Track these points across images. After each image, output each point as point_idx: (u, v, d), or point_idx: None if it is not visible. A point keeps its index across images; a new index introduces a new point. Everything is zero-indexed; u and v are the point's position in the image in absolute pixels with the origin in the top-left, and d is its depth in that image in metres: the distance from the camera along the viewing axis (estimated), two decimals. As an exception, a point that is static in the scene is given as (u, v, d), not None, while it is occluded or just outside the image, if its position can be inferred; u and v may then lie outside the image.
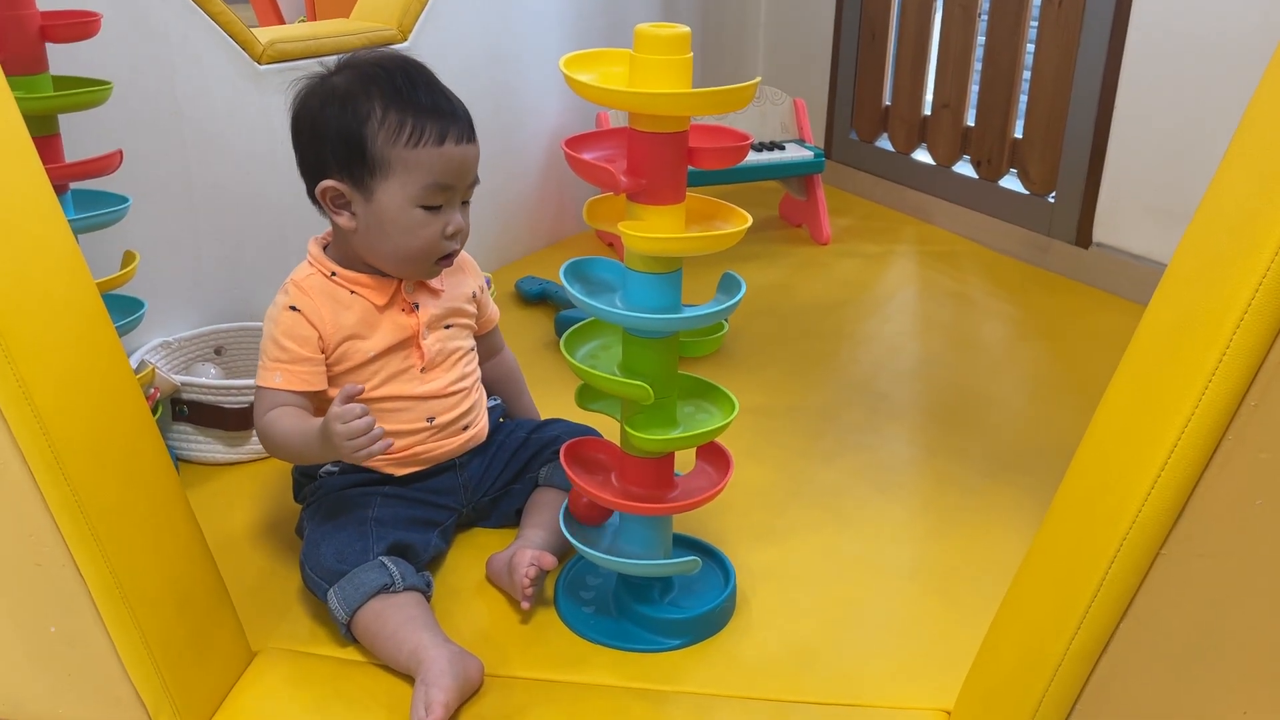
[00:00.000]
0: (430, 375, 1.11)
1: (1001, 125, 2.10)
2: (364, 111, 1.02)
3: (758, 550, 1.16)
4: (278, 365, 1.06)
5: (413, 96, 1.02)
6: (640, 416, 0.97)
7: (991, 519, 1.23)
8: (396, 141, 1.01)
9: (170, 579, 0.90)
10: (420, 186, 1.02)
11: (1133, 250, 1.87)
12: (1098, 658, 0.75)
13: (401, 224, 1.03)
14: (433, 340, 1.11)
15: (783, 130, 2.19)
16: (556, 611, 1.06)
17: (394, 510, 1.08)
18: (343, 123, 1.03)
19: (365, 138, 1.02)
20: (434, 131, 1.02)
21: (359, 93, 1.03)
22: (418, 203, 1.03)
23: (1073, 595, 0.75)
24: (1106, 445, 0.76)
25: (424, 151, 1.02)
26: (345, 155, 1.03)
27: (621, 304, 0.93)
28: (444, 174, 1.03)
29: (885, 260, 2.10)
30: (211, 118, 1.46)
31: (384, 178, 1.02)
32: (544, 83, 1.97)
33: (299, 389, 1.06)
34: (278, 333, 1.06)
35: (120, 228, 1.22)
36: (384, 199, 1.03)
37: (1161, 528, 0.70)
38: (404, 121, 1.01)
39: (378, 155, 1.02)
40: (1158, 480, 0.69)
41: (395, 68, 1.05)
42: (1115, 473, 0.73)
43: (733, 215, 0.94)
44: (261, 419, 1.06)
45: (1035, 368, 1.64)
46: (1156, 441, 0.69)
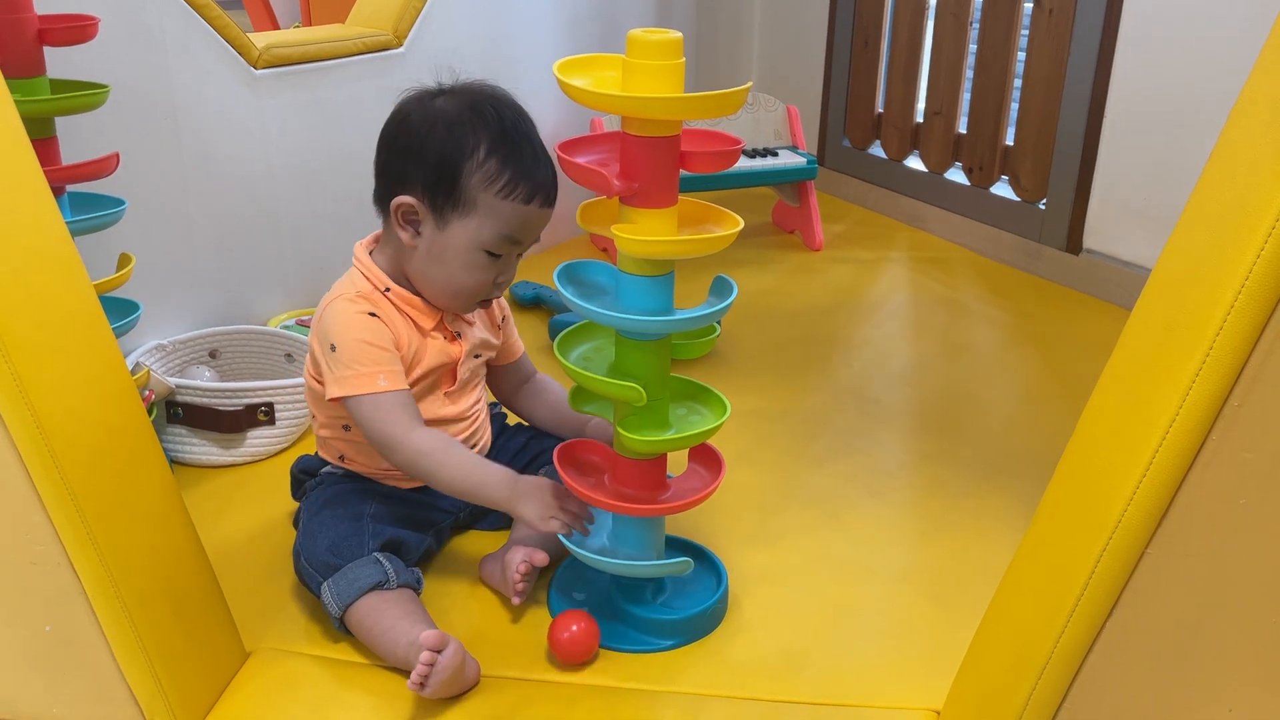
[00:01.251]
0: (455, 399, 1.12)
1: (993, 132, 2.12)
2: (469, 146, 1.01)
3: (750, 552, 1.16)
4: (377, 368, 1.01)
5: (517, 147, 1.02)
6: (633, 418, 0.97)
7: (982, 523, 1.24)
8: (489, 187, 1.01)
9: (165, 579, 0.90)
10: (495, 234, 1.03)
11: (1122, 256, 1.89)
12: (1084, 657, 0.76)
13: (463, 261, 1.04)
14: (465, 368, 1.12)
15: (776, 137, 2.20)
16: (549, 612, 1.06)
17: (391, 508, 1.09)
18: (445, 148, 1.01)
19: (461, 171, 1.01)
20: (526, 189, 1.02)
21: (467, 124, 1.01)
22: (485, 247, 1.03)
23: (1059, 595, 0.75)
24: (1092, 447, 0.77)
25: (510, 205, 1.02)
26: (435, 179, 1.02)
27: (614, 307, 0.94)
28: (519, 230, 1.04)
29: (878, 266, 2.12)
30: (208, 122, 1.47)
31: (464, 215, 1.02)
32: (538, 88, 1.96)
33: (405, 388, 1.03)
34: (364, 335, 1.02)
35: (116, 230, 1.22)
36: (456, 232, 1.03)
37: (1146, 528, 0.71)
38: (504, 171, 1.01)
39: (466, 192, 1.02)
40: (1142, 481, 0.70)
41: (506, 109, 1.04)
42: (1100, 474, 0.74)
43: (725, 219, 0.95)
44: (411, 434, 1.00)
45: (1026, 373, 1.65)
46: (1141, 443, 0.70)
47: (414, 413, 1.03)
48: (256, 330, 1.50)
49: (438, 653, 0.90)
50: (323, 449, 1.14)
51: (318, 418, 1.12)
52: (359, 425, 1.03)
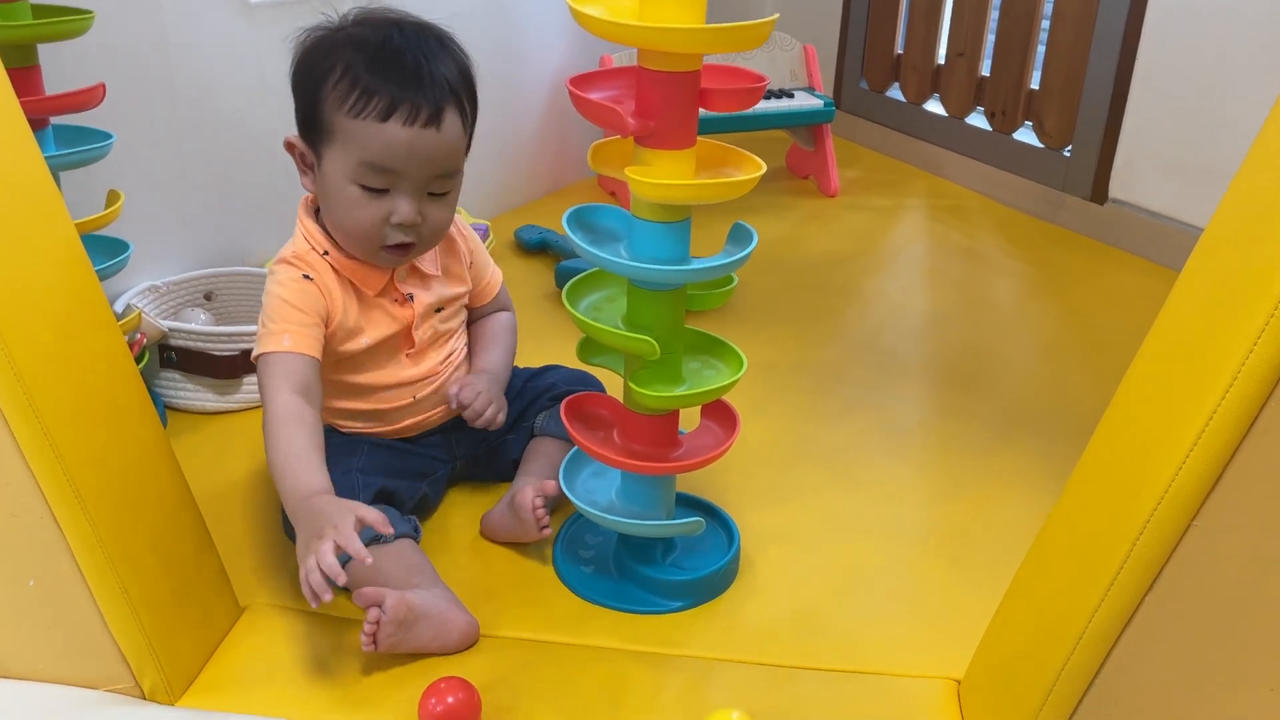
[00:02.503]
0: (417, 360, 1.06)
1: (1017, 76, 2.04)
2: (326, 68, 0.93)
3: (763, 511, 1.12)
4: (286, 327, 0.95)
5: (378, 61, 0.91)
6: (644, 372, 0.93)
7: (1002, 482, 1.20)
8: (340, 107, 0.91)
9: (154, 533, 0.87)
10: (355, 162, 0.92)
11: (1150, 207, 1.82)
12: (1120, 631, 0.72)
13: (339, 198, 0.95)
14: (425, 329, 1.05)
15: (792, 78, 2.12)
16: (554, 570, 1.03)
17: (382, 459, 1.05)
18: (308, 79, 0.94)
19: (320, 97, 0.93)
20: (381, 104, 0.90)
21: (335, 47, 0.94)
22: (353, 179, 0.93)
23: (1097, 567, 0.71)
24: (1138, 410, 0.72)
25: (363, 125, 0.91)
26: (303, 113, 0.96)
27: (627, 254, 0.89)
28: (382, 155, 0.91)
29: (894, 214, 2.05)
30: (200, 51, 1.40)
31: (329, 144, 0.94)
32: (546, 20, 1.90)
33: (308, 353, 0.95)
34: (287, 295, 0.96)
35: (104, 166, 1.17)
36: (328, 167, 0.95)
37: (1195, 499, 0.66)
38: (353, 86, 0.91)
39: (325, 118, 0.93)
40: (1193, 449, 0.65)
41: (388, 26, 0.94)
42: (1147, 440, 0.70)
43: (745, 161, 0.89)
44: (277, 398, 0.92)
45: (1047, 327, 1.60)
46: (1193, 408, 0.65)
47: (294, 378, 0.93)
48: (253, 272, 1.45)
49: (379, 607, 0.86)
50: None
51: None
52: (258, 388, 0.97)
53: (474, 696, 0.83)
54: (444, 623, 0.90)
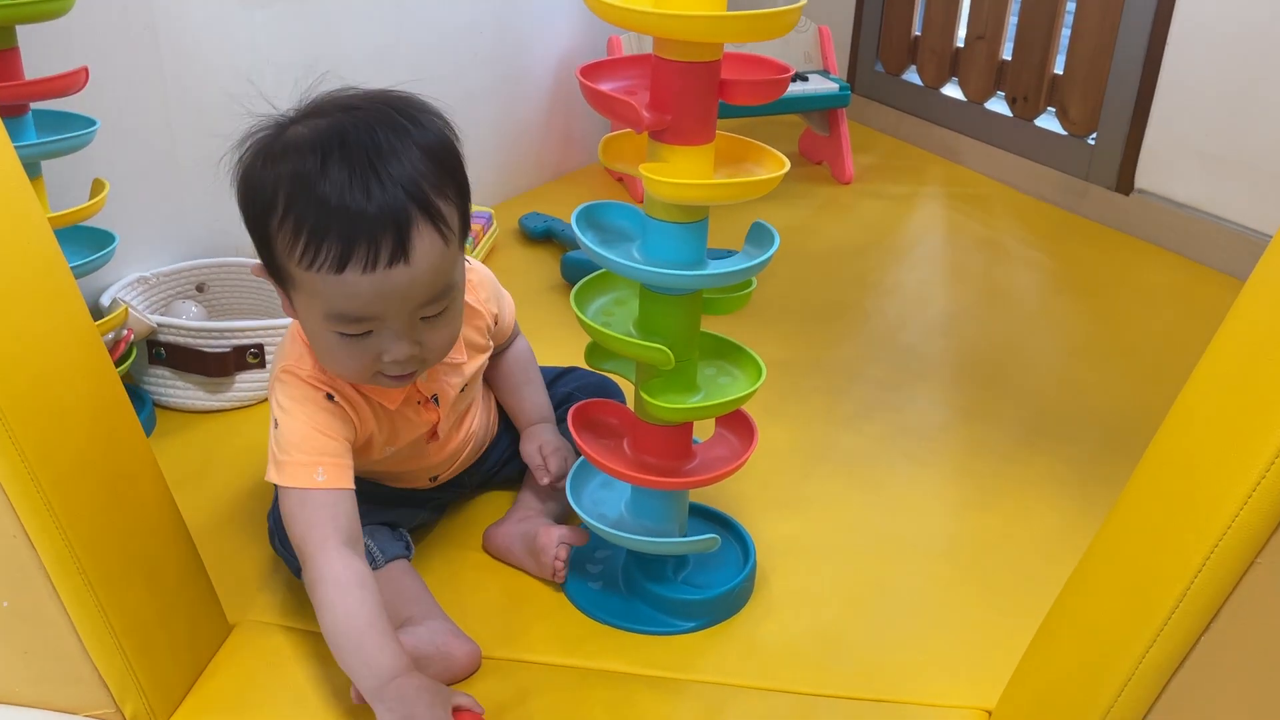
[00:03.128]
0: (441, 447, 0.98)
1: (1040, 59, 1.97)
2: (267, 202, 0.76)
3: (779, 522, 1.07)
4: (319, 459, 0.82)
5: (319, 191, 0.73)
6: (657, 380, 0.87)
7: (1030, 490, 1.14)
8: (290, 257, 0.75)
9: (136, 550, 0.82)
10: (325, 314, 0.77)
11: (1178, 199, 1.76)
12: (1174, 672, 0.66)
13: (321, 344, 0.81)
14: (448, 421, 0.96)
15: (806, 60, 2.05)
16: (561, 587, 0.98)
17: (376, 486, 0.99)
18: (252, 212, 0.78)
19: (268, 239, 0.77)
20: (332, 253, 0.73)
21: (272, 175, 0.76)
22: (328, 328, 0.78)
23: (1149, 601, 0.66)
24: (1195, 434, 0.67)
25: (319, 278, 0.74)
26: (258, 249, 0.80)
27: (640, 256, 0.83)
28: (349, 307, 0.75)
29: (911, 202, 1.99)
30: (191, 32, 1.34)
31: (291, 289, 0.79)
32: (551, 2, 1.83)
33: (346, 487, 0.83)
34: (315, 423, 0.83)
35: (89, 153, 1.11)
36: (300, 310, 0.80)
37: (1260, 534, 0.61)
38: (299, 233, 0.74)
39: (278, 264, 0.78)
40: (1262, 480, 0.60)
41: (334, 129, 0.75)
42: (1207, 467, 0.64)
43: (766, 157, 0.83)
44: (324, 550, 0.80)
45: (1072, 324, 1.54)
46: (1263, 434, 0.60)
47: (340, 523, 0.82)
48: (248, 263, 1.38)
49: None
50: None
51: None
52: (283, 517, 0.85)
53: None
54: (444, 659, 0.85)
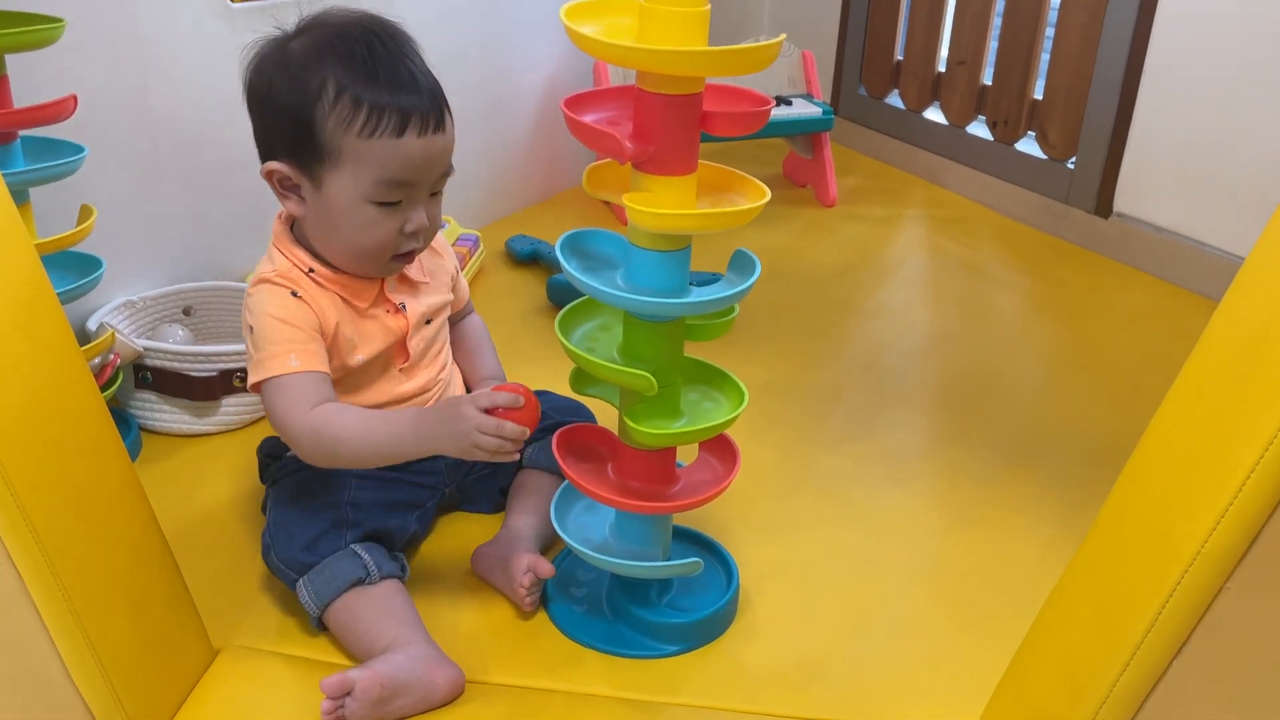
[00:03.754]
0: (412, 373, 1.02)
1: (1020, 84, 2.00)
2: (314, 88, 0.88)
3: (762, 545, 1.08)
4: (289, 347, 0.91)
5: (372, 74, 0.88)
6: (641, 406, 0.88)
7: (1010, 513, 1.16)
8: (349, 129, 0.88)
9: (120, 577, 0.82)
10: (374, 182, 0.89)
11: (1156, 222, 1.78)
12: (1147, 694, 0.68)
13: (352, 220, 0.91)
14: (417, 340, 1.02)
15: (789, 84, 2.08)
16: (545, 610, 0.98)
17: (371, 493, 0.99)
18: (292, 99, 0.89)
19: (314, 120, 0.88)
20: (393, 121, 0.88)
21: (312, 64, 0.89)
22: (371, 199, 0.90)
23: (1123, 625, 0.67)
24: (1168, 458, 0.68)
25: (379, 143, 0.88)
26: (293, 137, 0.90)
27: (624, 283, 0.84)
28: (402, 170, 0.89)
29: (894, 224, 2.01)
30: (178, 60, 1.35)
31: (334, 167, 0.89)
32: (537, 27, 1.85)
33: (319, 368, 0.91)
34: (280, 314, 0.92)
35: (76, 180, 1.12)
36: (334, 190, 0.90)
37: (1229, 560, 0.62)
38: (358, 106, 0.87)
39: (327, 142, 0.89)
40: (1229, 508, 0.61)
41: (359, 35, 0.90)
42: (1177, 494, 0.65)
43: (748, 187, 0.85)
44: (307, 415, 0.89)
45: (1052, 346, 1.56)
46: (1229, 462, 0.61)
47: (317, 394, 0.90)
48: (235, 287, 1.40)
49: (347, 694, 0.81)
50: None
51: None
52: (269, 417, 0.92)
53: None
54: (426, 686, 0.85)
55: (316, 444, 0.90)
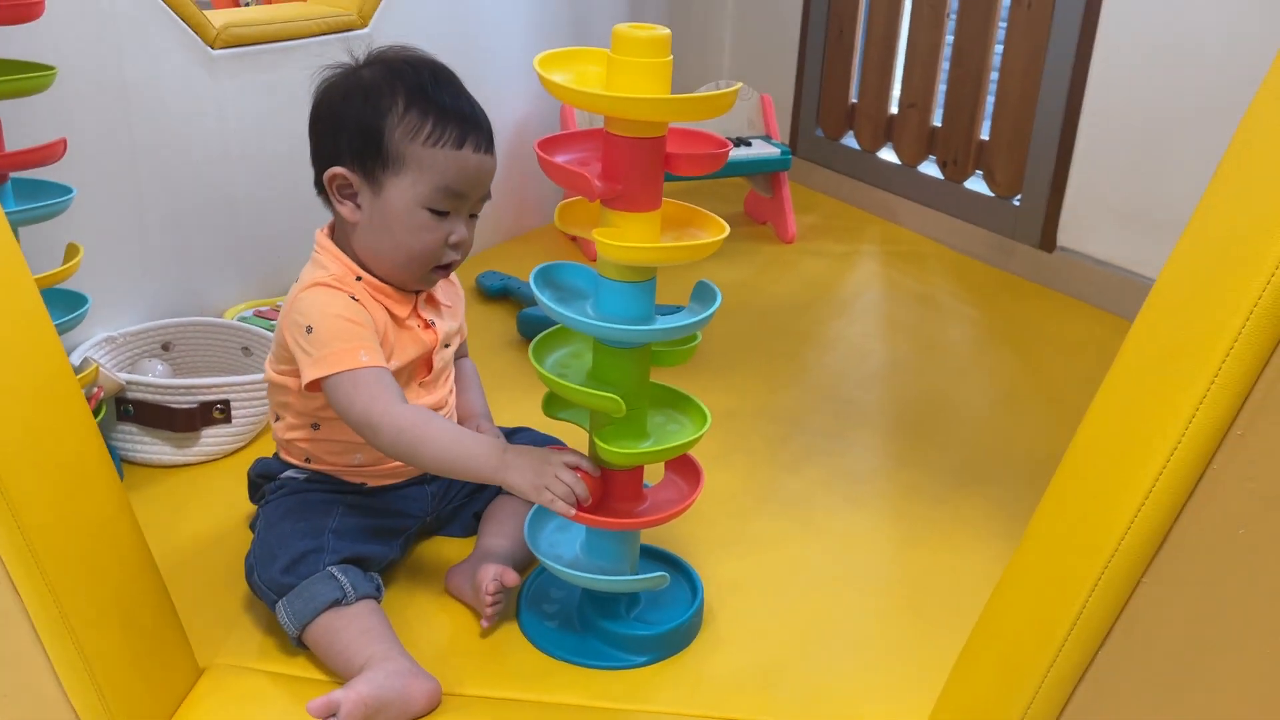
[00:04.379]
0: (430, 388, 1.08)
1: (968, 126, 2.09)
2: (385, 104, 0.98)
3: (725, 561, 1.14)
4: (359, 343, 0.96)
5: (437, 96, 0.99)
6: (610, 428, 0.94)
7: (960, 530, 1.22)
8: (415, 138, 0.98)
9: (113, 595, 0.85)
10: (431, 188, 0.98)
11: (1097, 255, 1.88)
12: (1074, 686, 0.73)
13: (406, 224, 0.99)
14: (439, 358, 1.08)
15: (749, 126, 2.16)
16: (519, 625, 1.03)
17: (355, 520, 1.04)
18: (363, 113, 0.99)
19: (383, 129, 0.98)
20: (454, 134, 0.98)
21: (383, 85, 0.99)
22: (426, 204, 0.99)
23: (1051, 622, 0.73)
24: (1088, 470, 0.75)
25: (441, 153, 0.98)
26: (360, 145, 0.99)
27: (593, 312, 0.90)
28: (458, 179, 0.99)
29: (851, 260, 2.09)
30: (162, 104, 1.40)
31: (396, 173, 0.98)
32: (507, 72, 1.92)
33: (386, 366, 0.97)
34: (345, 313, 0.97)
35: (64, 219, 1.16)
36: (393, 195, 0.99)
37: (1144, 557, 0.68)
38: (425, 118, 0.98)
39: (393, 149, 0.98)
40: (1141, 508, 0.67)
41: (424, 66, 1.02)
42: (1097, 499, 0.72)
43: (709, 223, 0.91)
44: (395, 410, 0.94)
45: (1000, 374, 1.64)
46: (1141, 469, 0.67)
47: (396, 390, 0.97)
48: (212, 322, 1.44)
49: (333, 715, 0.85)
50: (285, 451, 1.09)
51: (283, 417, 1.07)
52: (337, 407, 0.97)
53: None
54: (406, 700, 0.89)
55: (398, 439, 0.94)
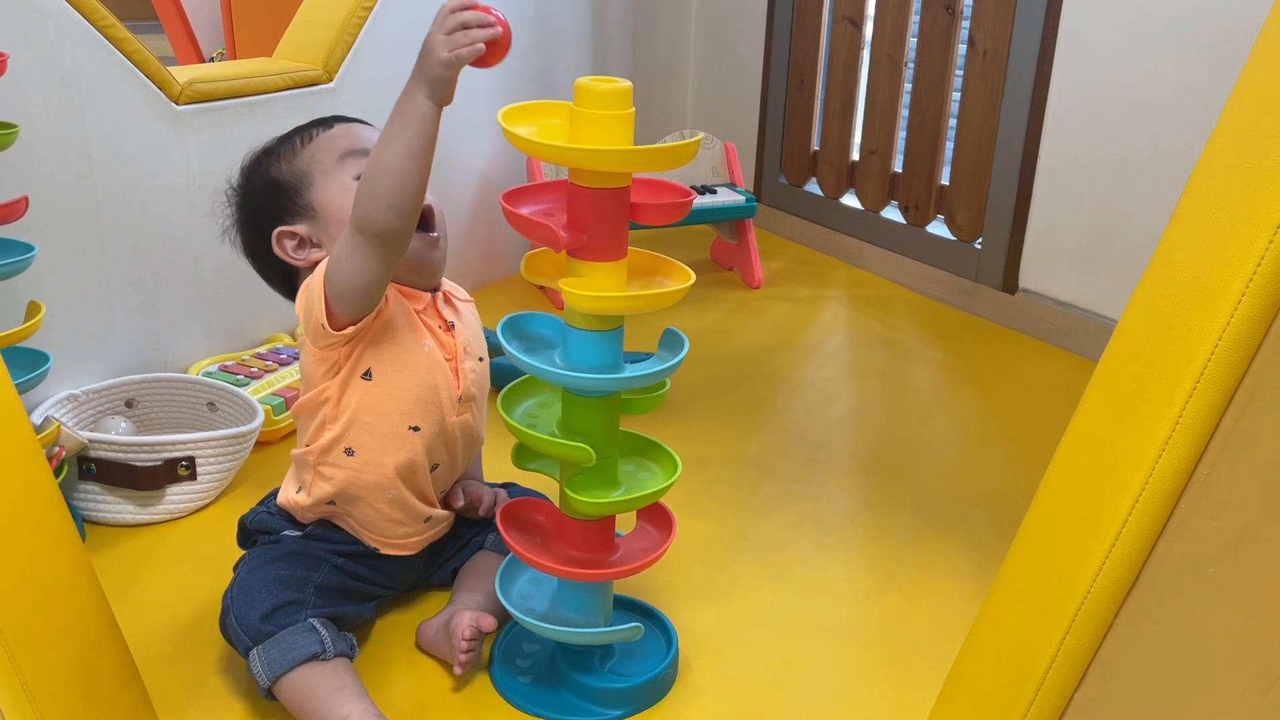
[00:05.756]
0: (468, 406, 1.05)
1: (928, 172, 2.13)
2: (265, 168, 1.07)
3: (699, 610, 1.13)
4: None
5: (288, 134, 1.08)
6: (580, 478, 0.93)
7: (931, 573, 1.22)
8: (298, 155, 1.06)
9: (73, 660, 0.83)
10: (338, 161, 1.04)
11: (1057, 296, 1.91)
12: (1053, 728, 0.73)
13: (348, 201, 0.99)
14: (467, 368, 1.05)
15: (714, 174, 2.19)
16: (491, 680, 1.01)
17: (340, 580, 1.02)
18: (260, 188, 1.06)
19: (280, 174, 1.06)
20: (313, 129, 1.07)
21: (256, 167, 1.08)
22: (350, 175, 1.03)
23: (1026, 667, 0.73)
24: (1057, 514, 0.75)
25: (320, 140, 1.06)
26: (274, 200, 1.05)
27: (561, 362, 0.90)
28: (348, 141, 1.05)
29: (817, 304, 2.11)
30: (126, 160, 1.39)
31: (311, 184, 1.04)
32: (472, 124, 1.94)
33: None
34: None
35: (25, 276, 1.15)
36: (324, 197, 1.03)
37: (1115, 599, 0.69)
38: (292, 141, 1.07)
39: (296, 175, 1.05)
40: (1111, 551, 0.68)
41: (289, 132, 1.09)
42: (1067, 543, 0.72)
43: (675, 271, 0.92)
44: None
45: (967, 414, 1.65)
46: (1109, 511, 0.68)
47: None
48: (176, 378, 1.42)
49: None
50: (305, 496, 1.03)
51: (314, 444, 1.01)
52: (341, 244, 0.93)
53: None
54: None
55: (368, 173, 0.90)
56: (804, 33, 2.34)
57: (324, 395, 1.00)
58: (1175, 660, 0.70)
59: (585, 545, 0.96)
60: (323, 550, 1.03)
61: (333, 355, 0.99)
